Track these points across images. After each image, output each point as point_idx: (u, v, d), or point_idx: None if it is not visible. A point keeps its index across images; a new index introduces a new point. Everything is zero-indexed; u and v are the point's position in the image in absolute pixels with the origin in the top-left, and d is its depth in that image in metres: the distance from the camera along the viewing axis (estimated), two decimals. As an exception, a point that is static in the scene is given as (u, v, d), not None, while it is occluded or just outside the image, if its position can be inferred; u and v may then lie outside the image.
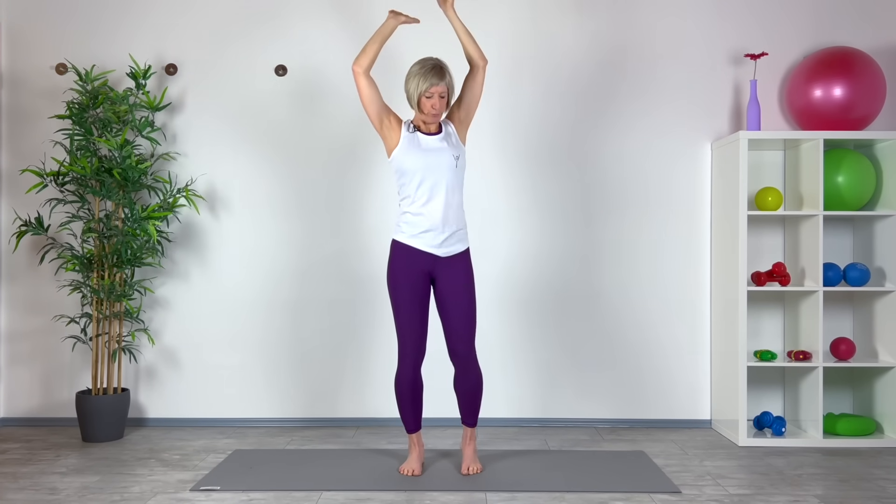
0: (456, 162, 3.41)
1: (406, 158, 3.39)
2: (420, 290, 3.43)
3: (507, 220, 4.42)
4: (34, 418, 4.44)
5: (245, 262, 4.44)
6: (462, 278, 3.44)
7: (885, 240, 4.18)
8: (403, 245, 3.42)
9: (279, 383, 4.44)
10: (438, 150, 3.40)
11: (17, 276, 4.45)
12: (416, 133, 3.44)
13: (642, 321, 4.42)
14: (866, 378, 4.28)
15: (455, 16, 3.47)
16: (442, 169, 3.38)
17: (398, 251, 3.44)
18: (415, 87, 3.35)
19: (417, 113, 3.42)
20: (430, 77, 3.32)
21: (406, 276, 3.41)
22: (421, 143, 3.41)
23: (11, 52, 4.46)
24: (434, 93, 3.34)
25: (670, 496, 3.23)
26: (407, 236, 3.41)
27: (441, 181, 3.38)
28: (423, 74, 3.33)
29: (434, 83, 3.32)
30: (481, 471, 3.52)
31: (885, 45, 4.41)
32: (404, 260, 3.42)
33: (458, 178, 3.43)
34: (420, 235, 3.39)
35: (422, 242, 3.39)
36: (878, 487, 3.35)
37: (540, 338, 4.43)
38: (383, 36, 3.43)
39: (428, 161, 3.37)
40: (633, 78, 4.43)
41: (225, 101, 4.45)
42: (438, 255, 3.41)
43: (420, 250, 3.40)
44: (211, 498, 3.21)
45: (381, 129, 3.45)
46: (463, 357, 3.46)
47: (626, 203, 4.43)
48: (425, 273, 3.43)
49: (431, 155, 3.39)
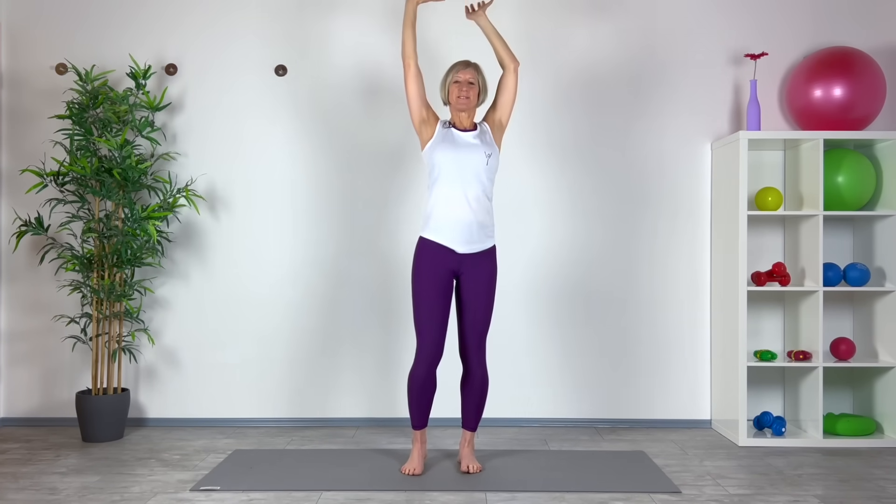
0: (487, 160, 3.45)
1: (437, 151, 3.44)
2: (445, 290, 3.44)
3: (507, 221, 4.42)
4: (34, 418, 4.44)
5: (245, 261, 4.44)
6: (486, 277, 3.47)
7: (885, 240, 4.18)
8: (430, 242, 3.44)
9: (279, 383, 4.44)
10: (471, 146, 3.45)
11: (17, 276, 4.45)
12: (450, 129, 3.51)
13: (642, 321, 4.42)
14: (866, 378, 4.28)
15: (486, 21, 3.59)
16: (472, 165, 3.42)
17: (425, 248, 3.45)
18: (444, 80, 3.52)
19: (452, 110, 3.52)
20: (458, 66, 3.49)
21: (432, 273, 3.42)
22: (455, 139, 3.47)
23: (11, 52, 4.46)
24: (462, 78, 3.46)
25: (670, 496, 3.23)
26: (434, 233, 3.43)
27: (470, 177, 3.42)
28: (451, 67, 3.52)
29: (460, 69, 3.47)
30: (481, 470, 3.52)
31: (885, 45, 4.41)
32: (430, 257, 3.43)
33: (489, 176, 3.47)
34: (450, 232, 3.41)
35: (451, 239, 3.41)
36: (878, 487, 3.35)
37: (539, 338, 4.43)
38: (410, 20, 3.52)
39: (459, 156, 3.42)
40: (634, 78, 4.43)
41: (225, 101, 4.45)
42: (465, 252, 3.42)
43: (447, 247, 3.41)
44: (211, 498, 3.21)
45: (418, 122, 3.51)
46: (472, 356, 3.49)
47: (625, 203, 4.43)
48: (451, 272, 3.45)
49: (463, 150, 3.43)
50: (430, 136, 3.49)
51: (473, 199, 3.41)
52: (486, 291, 3.47)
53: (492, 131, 3.56)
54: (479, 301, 3.46)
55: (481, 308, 3.47)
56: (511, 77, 3.55)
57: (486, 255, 3.48)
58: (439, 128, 3.51)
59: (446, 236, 3.41)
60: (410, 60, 3.49)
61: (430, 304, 3.41)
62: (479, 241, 3.44)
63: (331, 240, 4.44)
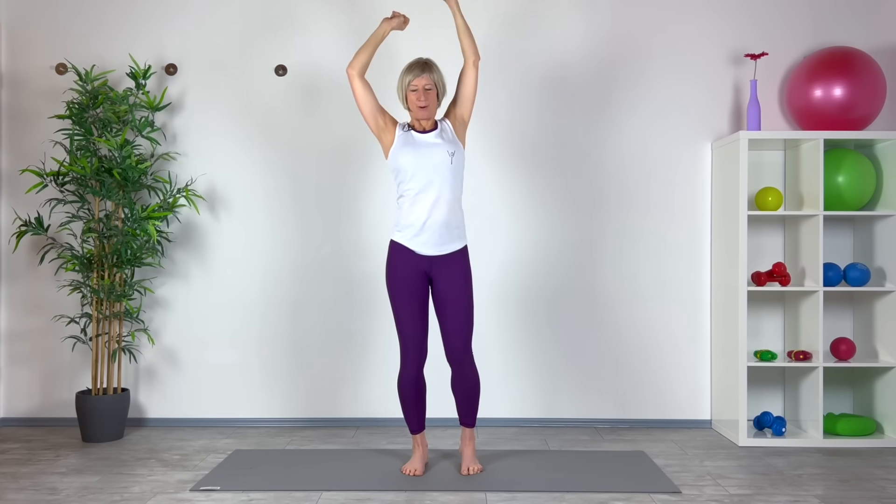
0: (451, 158, 3.40)
1: (400, 156, 3.40)
2: (419, 291, 3.43)
3: (506, 221, 4.42)
4: (34, 418, 4.44)
5: (245, 261, 4.44)
6: (459, 277, 3.43)
7: (885, 240, 4.18)
8: (400, 246, 3.43)
9: (279, 383, 4.44)
10: (432, 146, 3.41)
11: (17, 276, 4.45)
12: (410, 131, 3.46)
13: (642, 321, 4.42)
14: (866, 378, 4.28)
15: (458, 9, 3.52)
16: (437, 165, 3.38)
17: (396, 252, 3.44)
18: (400, 83, 3.43)
19: (410, 112, 3.46)
20: (414, 70, 3.40)
21: (404, 276, 3.41)
22: (415, 141, 3.43)
23: (11, 52, 4.46)
24: (418, 85, 3.38)
25: (670, 496, 3.22)
26: (404, 237, 3.41)
27: (436, 178, 3.38)
28: (407, 69, 3.42)
29: (417, 75, 3.38)
30: (481, 471, 3.52)
31: (885, 45, 4.41)
32: (402, 261, 3.42)
33: (455, 174, 3.42)
34: (416, 236, 3.39)
35: (418, 243, 3.39)
36: (878, 487, 3.35)
37: (540, 338, 4.43)
38: (376, 40, 3.50)
39: (422, 158, 3.38)
40: (634, 78, 4.43)
41: (225, 101, 4.45)
42: (435, 255, 3.41)
43: (416, 252, 3.40)
44: (211, 498, 3.21)
45: (376, 131, 3.47)
46: (459, 357, 3.46)
47: (626, 203, 4.43)
48: (423, 273, 3.43)
49: (425, 151, 3.39)
50: (390, 142, 3.44)
51: (442, 200, 3.38)
52: (462, 291, 3.43)
53: (454, 127, 3.50)
54: (457, 301, 3.42)
55: (461, 307, 3.43)
56: (471, 71, 3.48)
57: (458, 255, 3.44)
58: (399, 132, 3.45)
59: (415, 240, 3.39)
60: (354, 73, 3.42)
61: (406, 307, 3.41)
62: (448, 242, 3.41)
63: (331, 239, 4.44)
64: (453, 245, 3.43)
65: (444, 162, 3.39)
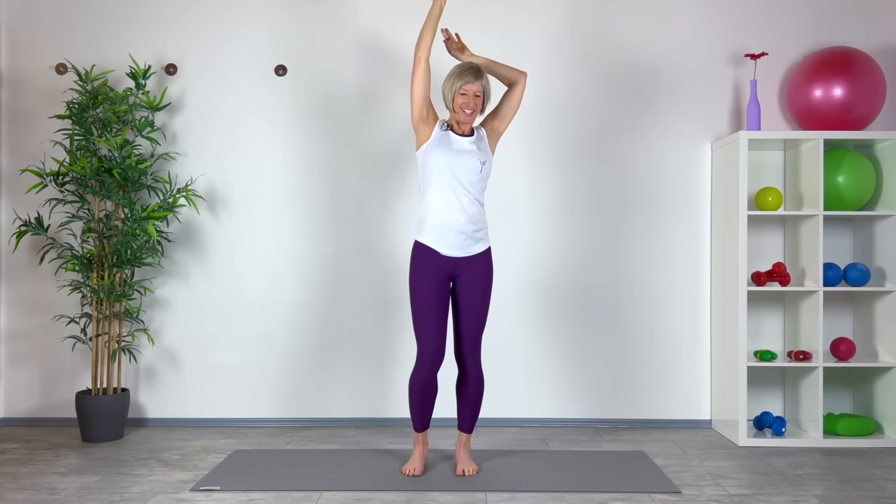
0: (481, 167, 3.43)
1: (433, 154, 3.42)
2: (442, 293, 3.43)
3: (506, 221, 4.42)
4: (34, 418, 4.44)
5: (245, 262, 4.44)
6: (481, 279, 3.46)
7: (885, 240, 4.18)
8: (425, 246, 3.43)
9: (279, 383, 4.44)
10: (466, 152, 3.43)
11: (17, 276, 4.45)
12: (448, 131, 3.48)
13: (642, 321, 4.42)
14: (866, 378, 4.28)
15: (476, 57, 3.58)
16: (466, 171, 3.40)
17: (421, 253, 3.44)
18: (450, 85, 3.43)
19: (452, 114, 3.47)
20: (466, 75, 3.40)
21: (429, 279, 3.41)
22: (451, 142, 3.45)
23: (11, 52, 4.46)
24: (468, 91, 3.39)
25: (670, 496, 3.23)
26: (429, 238, 3.42)
27: (464, 183, 3.40)
28: (459, 74, 3.42)
29: (469, 81, 3.39)
30: (477, 471, 3.52)
31: (885, 45, 4.41)
32: (427, 262, 3.42)
33: (481, 182, 3.46)
34: (441, 237, 3.40)
35: (444, 244, 3.40)
36: (878, 487, 3.35)
37: (540, 338, 4.43)
38: (434, 20, 3.48)
39: (454, 160, 3.40)
40: (634, 78, 4.43)
41: (225, 101, 4.45)
42: (460, 256, 3.42)
43: (441, 253, 3.41)
44: (211, 498, 3.21)
45: (417, 121, 3.47)
46: (468, 357, 3.48)
47: (626, 203, 4.43)
48: (447, 274, 3.44)
49: (458, 155, 3.41)
50: (427, 137, 3.46)
51: (467, 204, 3.40)
52: (481, 293, 3.47)
53: (488, 137, 3.54)
54: (475, 302, 3.46)
55: (476, 309, 3.46)
56: (520, 86, 3.55)
57: (481, 257, 3.47)
58: (437, 129, 3.47)
59: (440, 241, 3.41)
60: (423, 55, 3.43)
61: (428, 307, 3.41)
62: (473, 244, 3.44)
63: (331, 240, 4.44)
64: (478, 246, 3.46)
65: (475, 169, 3.42)
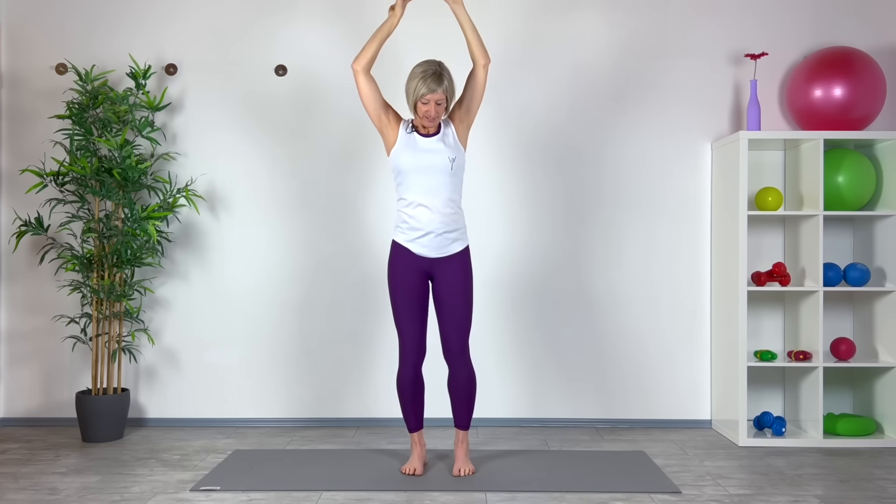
0: (451, 164, 3.38)
1: (401, 158, 3.39)
2: (419, 291, 3.44)
3: (505, 220, 4.42)
4: (34, 418, 4.44)
5: (245, 261, 4.44)
6: (459, 278, 3.44)
7: (885, 240, 4.18)
8: (402, 247, 3.44)
9: (279, 383, 4.44)
10: (434, 151, 3.39)
11: (17, 276, 4.45)
12: (413, 133, 3.43)
13: (642, 321, 4.42)
14: (866, 378, 4.28)
15: (463, 11, 3.41)
16: (437, 170, 3.37)
17: (397, 252, 3.45)
18: (412, 90, 3.32)
19: (415, 117, 3.41)
20: (429, 83, 3.28)
21: (404, 276, 3.43)
22: (417, 144, 3.40)
23: (11, 52, 4.46)
24: (430, 100, 3.30)
25: (670, 496, 3.22)
26: (405, 238, 3.42)
27: (436, 182, 3.37)
28: (422, 78, 3.29)
29: (432, 89, 3.28)
30: (473, 472, 3.51)
31: (885, 45, 4.41)
32: (402, 261, 3.43)
33: (455, 179, 3.42)
34: (417, 239, 3.40)
35: (419, 245, 3.40)
36: (878, 487, 3.35)
37: (540, 338, 4.43)
38: (383, 35, 3.42)
39: (422, 162, 3.37)
40: (633, 78, 4.43)
41: (225, 102, 4.45)
42: (436, 257, 3.42)
43: (417, 254, 3.41)
44: (211, 498, 3.21)
45: (379, 127, 3.46)
46: (456, 356, 3.47)
47: (626, 203, 4.43)
48: (423, 273, 3.44)
49: (426, 156, 3.38)
50: (393, 140, 3.41)
51: (440, 205, 3.37)
52: (461, 292, 3.44)
53: (457, 128, 3.46)
54: (456, 302, 3.43)
55: (458, 309, 3.43)
56: (481, 73, 3.43)
57: (458, 257, 3.44)
58: (402, 131, 3.42)
59: (415, 243, 3.40)
60: (358, 68, 3.37)
61: (406, 306, 3.43)
62: (448, 245, 3.42)
63: (331, 240, 4.44)
64: (454, 247, 3.44)
65: (445, 167, 3.37)
